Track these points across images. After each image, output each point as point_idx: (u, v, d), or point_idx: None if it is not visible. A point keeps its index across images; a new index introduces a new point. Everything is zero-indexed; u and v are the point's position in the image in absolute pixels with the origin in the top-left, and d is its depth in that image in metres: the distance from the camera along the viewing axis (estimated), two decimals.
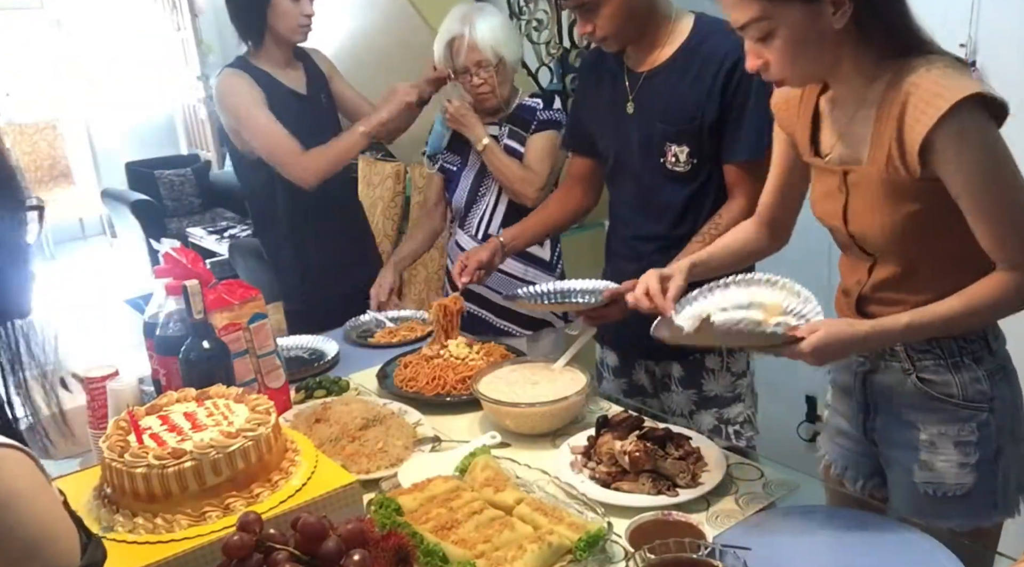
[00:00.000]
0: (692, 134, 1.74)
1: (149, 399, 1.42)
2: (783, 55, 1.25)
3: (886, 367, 1.40)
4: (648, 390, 2.01)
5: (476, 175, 2.41)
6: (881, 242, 1.32)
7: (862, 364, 1.44)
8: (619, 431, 1.42)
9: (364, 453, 1.49)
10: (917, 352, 1.36)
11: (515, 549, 1.13)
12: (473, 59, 2.24)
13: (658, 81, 1.77)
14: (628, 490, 1.34)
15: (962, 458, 1.35)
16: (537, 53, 3.33)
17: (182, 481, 1.14)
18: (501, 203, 2.39)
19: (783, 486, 1.36)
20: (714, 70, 1.70)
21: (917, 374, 1.36)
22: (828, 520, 1.27)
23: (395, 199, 4.05)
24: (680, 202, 1.81)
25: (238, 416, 1.27)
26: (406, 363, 1.87)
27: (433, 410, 1.70)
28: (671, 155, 1.77)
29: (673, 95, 1.75)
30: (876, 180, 1.27)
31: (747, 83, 1.68)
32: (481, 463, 1.35)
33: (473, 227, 2.43)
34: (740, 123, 1.71)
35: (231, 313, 1.62)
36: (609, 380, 2.07)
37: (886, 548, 1.17)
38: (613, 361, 2.05)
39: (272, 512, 1.14)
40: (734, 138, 1.73)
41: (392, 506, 1.22)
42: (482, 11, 2.29)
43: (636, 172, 1.84)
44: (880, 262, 1.36)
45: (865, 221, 1.31)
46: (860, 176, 1.29)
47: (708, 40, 1.73)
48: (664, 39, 1.76)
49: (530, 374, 1.70)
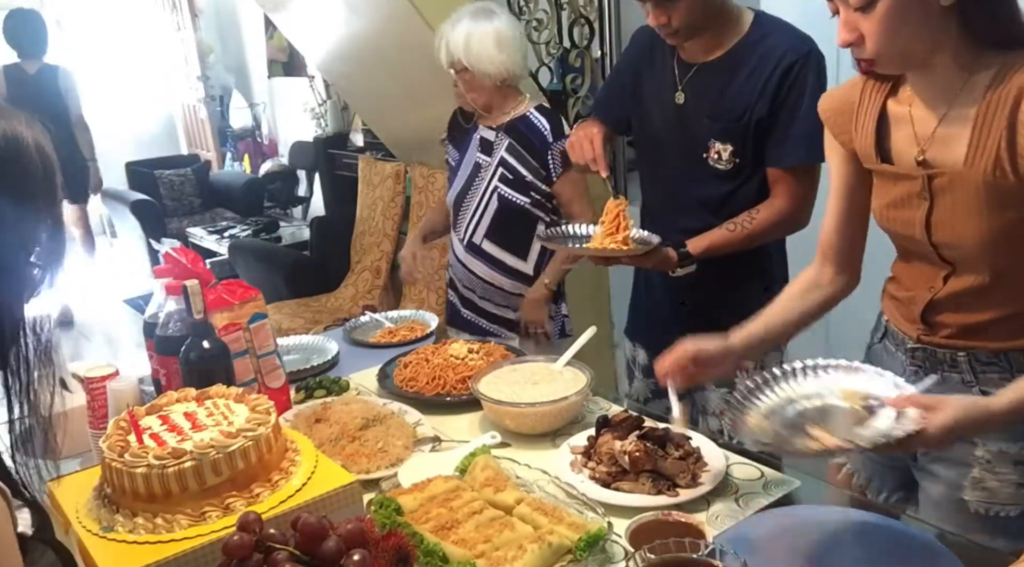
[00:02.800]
0: (738, 133, 1.71)
1: (149, 399, 1.42)
2: (883, 26, 1.12)
3: (945, 378, 1.31)
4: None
5: (468, 176, 2.40)
6: (971, 251, 1.22)
7: (916, 373, 1.35)
8: (619, 431, 1.42)
9: (364, 453, 1.49)
10: (982, 364, 1.28)
11: (515, 549, 1.13)
12: (447, 60, 2.25)
13: (711, 75, 1.73)
14: (628, 490, 1.34)
15: (1020, 478, 1.27)
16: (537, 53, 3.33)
17: (182, 481, 1.14)
18: (489, 210, 2.36)
19: (783, 486, 1.36)
20: (769, 69, 1.67)
21: (980, 387, 1.28)
22: (829, 520, 1.27)
23: (395, 199, 4.06)
24: (717, 199, 1.77)
25: (238, 416, 1.27)
26: (406, 363, 1.87)
27: (433, 410, 1.70)
28: (714, 152, 1.74)
29: (724, 91, 1.71)
30: (975, 184, 1.16)
31: (802, 85, 1.65)
32: (481, 463, 1.35)
33: (462, 231, 2.42)
34: (790, 126, 1.68)
35: (231, 313, 1.62)
36: (639, 379, 2.05)
37: (886, 547, 1.17)
38: (644, 359, 2.02)
39: (272, 512, 1.14)
40: (782, 141, 1.69)
41: (392, 506, 1.22)
42: (475, 16, 2.24)
43: (676, 163, 1.81)
44: (960, 271, 1.26)
45: (956, 229, 1.21)
46: (952, 180, 1.19)
47: (767, 38, 1.70)
48: (724, 34, 1.73)
49: (530, 374, 1.70)
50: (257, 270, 4.40)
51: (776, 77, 1.66)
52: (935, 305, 1.31)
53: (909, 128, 1.25)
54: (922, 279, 1.32)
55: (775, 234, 1.77)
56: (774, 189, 1.74)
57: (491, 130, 2.36)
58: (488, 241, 2.38)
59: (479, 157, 2.39)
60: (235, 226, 5.66)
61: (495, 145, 2.34)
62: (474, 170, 2.38)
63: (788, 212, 1.72)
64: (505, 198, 2.33)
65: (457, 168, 2.44)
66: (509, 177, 2.32)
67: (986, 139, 1.14)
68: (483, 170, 2.37)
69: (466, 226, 2.40)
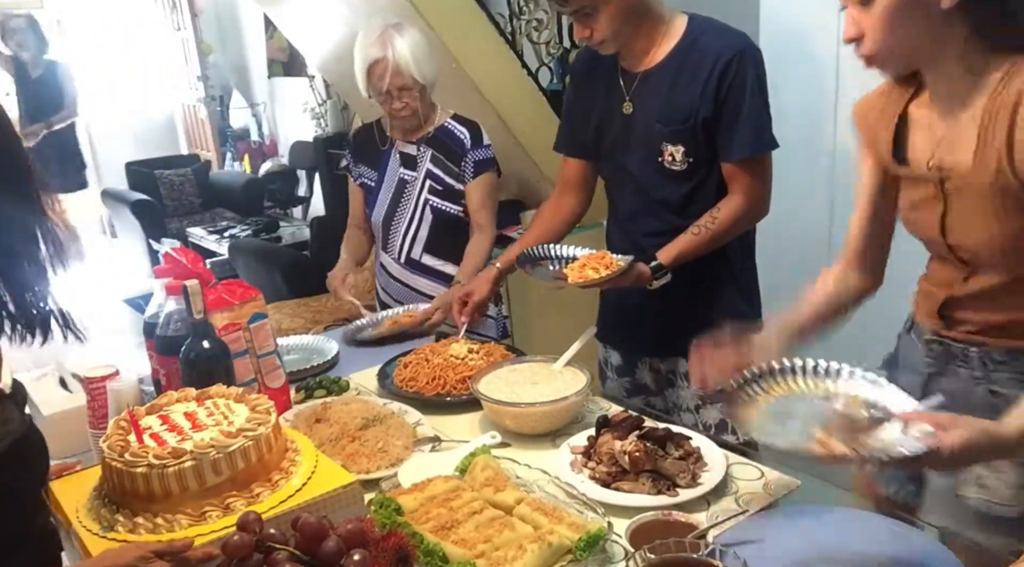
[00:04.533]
0: (687, 134, 1.75)
1: (149, 399, 1.42)
2: (881, 23, 1.14)
3: (955, 372, 1.33)
4: (651, 388, 2.01)
5: (394, 193, 2.39)
6: (986, 255, 1.22)
7: (929, 365, 1.37)
8: (619, 431, 1.42)
9: (364, 453, 1.49)
10: (994, 362, 1.28)
11: (515, 549, 1.13)
12: (396, 83, 2.18)
13: (654, 81, 1.78)
14: (628, 490, 1.34)
15: (1019, 479, 1.27)
16: (537, 53, 3.34)
17: (182, 481, 1.14)
18: (424, 223, 2.36)
19: (783, 486, 1.36)
20: (707, 70, 1.71)
21: (989, 385, 1.29)
22: (828, 520, 1.26)
23: None
24: (678, 199, 1.82)
25: (238, 416, 1.27)
26: (406, 363, 1.87)
27: (433, 410, 1.70)
28: (668, 154, 1.78)
29: (669, 95, 1.76)
30: (982, 188, 1.17)
31: (741, 82, 1.69)
32: (481, 463, 1.35)
33: (395, 249, 2.41)
34: (735, 122, 1.72)
35: (231, 313, 1.62)
36: (612, 379, 2.08)
37: (886, 548, 1.17)
38: (616, 360, 2.05)
39: (272, 512, 1.14)
40: (729, 137, 1.73)
41: (392, 506, 1.22)
42: (401, 31, 2.20)
43: (634, 171, 1.85)
44: (979, 273, 1.26)
45: (969, 232, 1.22)
46: (962, 184, 1.19)
47: (700, 40, 1.74)
48: (659, 39, 1.77)
49: (530, 374, 1.70)
50: (257, 270, 4.40)
51: (715, 78, 1.70)
52: (953, 302, 1.31)
53: (926, 131, 1.25)
54: (945, 278, 1.33)
55: (739, 228, 1.81)
56: (730, 185, 1.78)
57: (411, 145, 2.36)
58: (427, 254, 2.40)
59: (403, 173, 2.38)
60: (235, 226, 5.66)
61: (418, 158, 2.35)
62: (399, 187, 2.38)
63: (746, 206, 1.76)
64: (438, 209, 2.35)
65: (378, 188, 2.42)
66: (438, 188, 2.34)
67: (991, 143, 1.14)
68: (409, 185, 2.37)
69: (400, 243, 2.40)
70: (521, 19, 3.28)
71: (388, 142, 2.41)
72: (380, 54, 2.17)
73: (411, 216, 2.37)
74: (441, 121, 2.35)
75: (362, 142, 2.48)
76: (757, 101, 1.72)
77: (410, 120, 2.29)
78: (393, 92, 2.20)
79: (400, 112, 2.25)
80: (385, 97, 2.22)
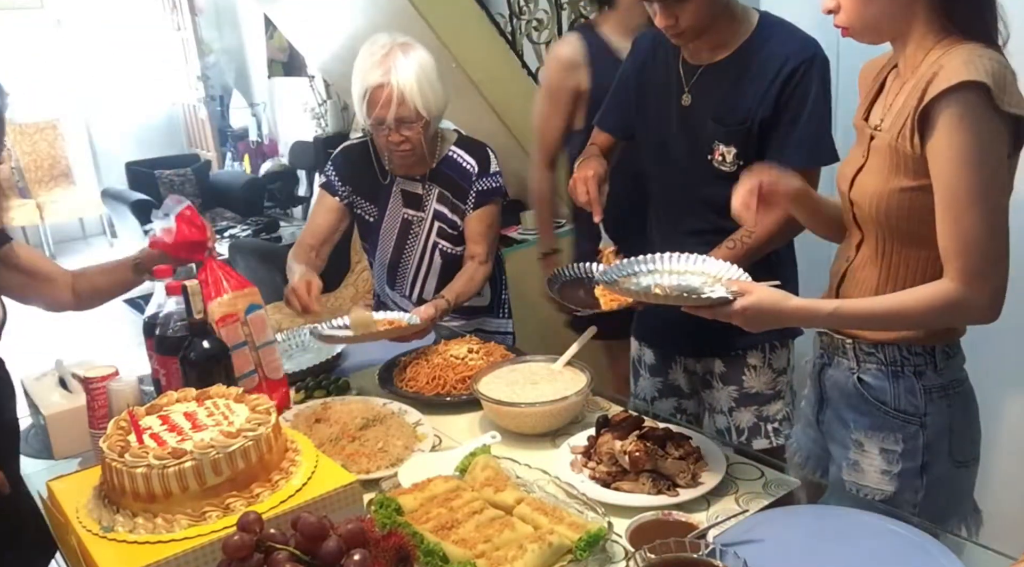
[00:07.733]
0: (742, 136, 1.70)
1: (149, 399, 1.42)
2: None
3: (837, 363, 1.44)
4: (684, 390, 1.99)
5: (399, 234, 2.18)
6: (870, 212, 1.31)
7: (820, 357, 1.48)
8: (619, 431, 1.42)
9: (364, 453, 1.49)
10: (864, 354, 1.38)
11: (515, 549, 1.13)
12: (397, 114, 1.93)
13: (716, 77, 1.72)
14: (628, 490, 1.34)
15: (884, 465, 1.38)
16: (537, 53, 3.33)
17: (182, 481, 1.14)
18: (434, 268, 2.18)
19: (783, 486, 1.36)
20: (773, 72, 1.66)
21: (859, 375, 1.39)
22: (828, 520, 1.27)
23: None
24: (722, 200, 1.72)
25: (238, 416, 1.27)
26: (406, 363, 1.87)
27: (433, 410, 1.70)
28: (718, 154, 1.73)
29: (729, 94, 1.71)
30: (887, 147, 1.27)
31: (805, 90, 1.65)
32: (481, 463, 1.35)
33: (406, 288, 2.23)
34: (792, 130, 1.66)
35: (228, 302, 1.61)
36: (645, 378, 2.04)
37: (886, 548, 1.17)
38: (650, 359, 2.02)
39: (272, 512, 1.14)
40: (783, 145, 1.67)
41: (392, 506, 1.22)
42: (407, 52, 1.95)
43: (682, 165, 1.80)
44: (866, 240, 1.37)
45: (864, 187, 1.32)
46: (879, 141, 1.30)
47: (771, 41, 1.68)
48: (728, 35, 1.71)
49: (530, 374, 1.70)
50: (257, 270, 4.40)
51: (779, 82, 1.65)
52: (846, 276, 1.41)
53: (890, 97, 1.34)
54: (845, 249, 1.43)
55: (775, 243, 1.75)
56: None
57: (415, 182, 2.13)
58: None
59: (407, 213, 2.16)
60: (235, 226, 5.66)
61: (424, 198, 2.13)
62: (404, 227, 2.17)
63: (785, 219, 1.67)
64: (447, 253, 2.17)
65: (378, 225, 2.20)
66: (448, 231, 2.15)
67: (905, 108, 1.24)
68: (415, 226, 2.16)
69: (410, 284, 2.22)
70: (521, 19, 3.27)
71: (388, 177, 2.16)
72: (381, 79, 1.92)
73: (419, 259, 2.19)
74: (444, 151, 2.12)
75: (357, 166, 2.19)
76: (819, 110, 1.66)
77: (408, 157, 2.05)
78: (392, 124, 1.95)
79: (399, 147, 2.00)
80: (383, 128, 1.97)
